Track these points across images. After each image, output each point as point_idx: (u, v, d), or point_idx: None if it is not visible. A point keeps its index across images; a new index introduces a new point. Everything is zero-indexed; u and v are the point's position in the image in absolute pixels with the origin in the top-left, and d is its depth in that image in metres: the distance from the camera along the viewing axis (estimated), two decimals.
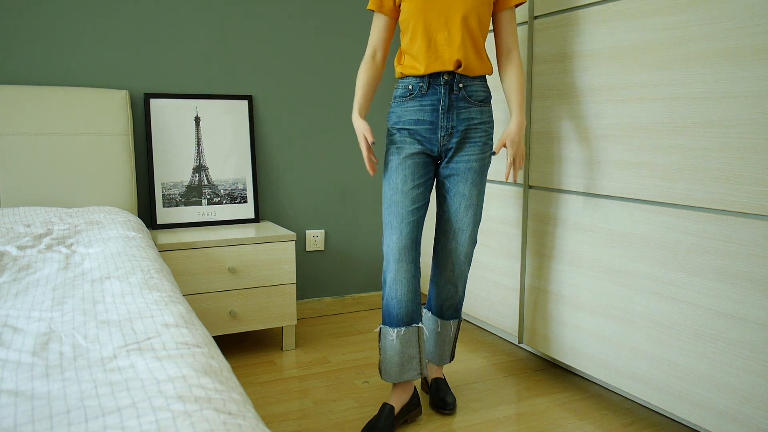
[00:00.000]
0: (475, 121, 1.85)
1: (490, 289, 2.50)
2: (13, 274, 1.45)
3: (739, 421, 1.57)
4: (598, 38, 1.92)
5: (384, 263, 1.86)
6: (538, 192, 2.21)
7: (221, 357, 1.02)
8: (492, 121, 1.90)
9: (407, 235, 1.81)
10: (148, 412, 0.76)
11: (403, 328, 1.83)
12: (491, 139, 1.90)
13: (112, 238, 1.78)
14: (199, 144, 2.61)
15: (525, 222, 2.29)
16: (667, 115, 1.71)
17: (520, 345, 2.52)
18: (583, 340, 2.04)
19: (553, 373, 2.27)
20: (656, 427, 1.87)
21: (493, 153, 1.86)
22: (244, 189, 2.69)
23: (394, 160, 1.84)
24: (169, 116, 2.56)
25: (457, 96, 1.82)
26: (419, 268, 1.85)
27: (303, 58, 2.82)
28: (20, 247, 1.69)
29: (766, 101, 1.47)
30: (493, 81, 2.42)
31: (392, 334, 1.84)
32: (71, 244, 1.75)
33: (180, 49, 2.59)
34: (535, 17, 2.17)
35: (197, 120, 2.61)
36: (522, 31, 2.24)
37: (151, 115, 2.54)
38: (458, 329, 2.05)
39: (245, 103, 2.70)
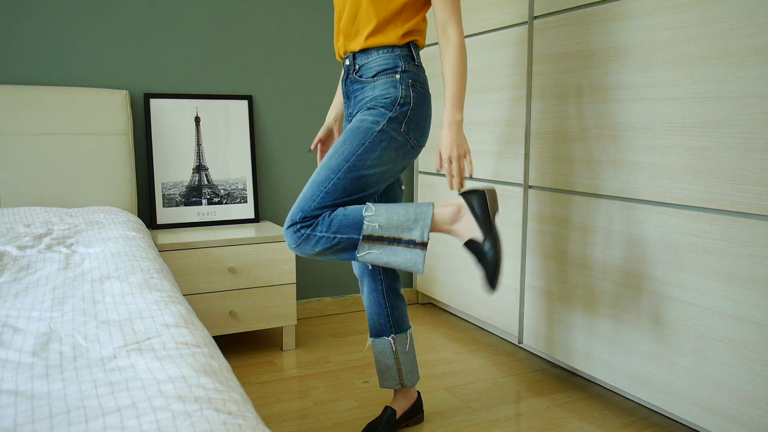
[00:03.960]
0: (366, 100, 1.58)
1: None
2: (13, 274, 1.45)
3: (739, 421, 1.57)
4: (598, 38, 1.92)
5: None
6: (538, 192, 2.21)
7: (221, 357, 1.02)
8: (392, 94, 1.55)
9: None
10: (148, 412, 0.76)
11: (375, 339, 1.83)
12: (381, 107, 1.54)
13: (112, 238, 1.78)
14: (199, 144, 2.61)
15: (525, 222, 2.29)
16: (667, 115, 1.71)
17: (520, 345, 2.52)
18: (583, 340, 2.04)
19: (553, 373, 2.27)
20: (656, 427, 1.87)
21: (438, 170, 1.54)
22: (244, 189, 2.69)
23: None
24: (169, 116, 2.56)
25: (353, 79, 1.62)
26: (382, 279, 1.80)
27: (303, 58, 2.82)
28: (20, 247, 1.69)
29: (766, 101, 1.47)
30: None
31: (369, 342, 1.87)
32: (71, 244, 1.75)
33: (180, 49, 2.59)
34: (535, 17, 2.17)
35: (197, 120, 2.61)
36: (522, 31, 2.24)
37: (151, 115, 2.54)
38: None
39: (245, 103, 2.70)
